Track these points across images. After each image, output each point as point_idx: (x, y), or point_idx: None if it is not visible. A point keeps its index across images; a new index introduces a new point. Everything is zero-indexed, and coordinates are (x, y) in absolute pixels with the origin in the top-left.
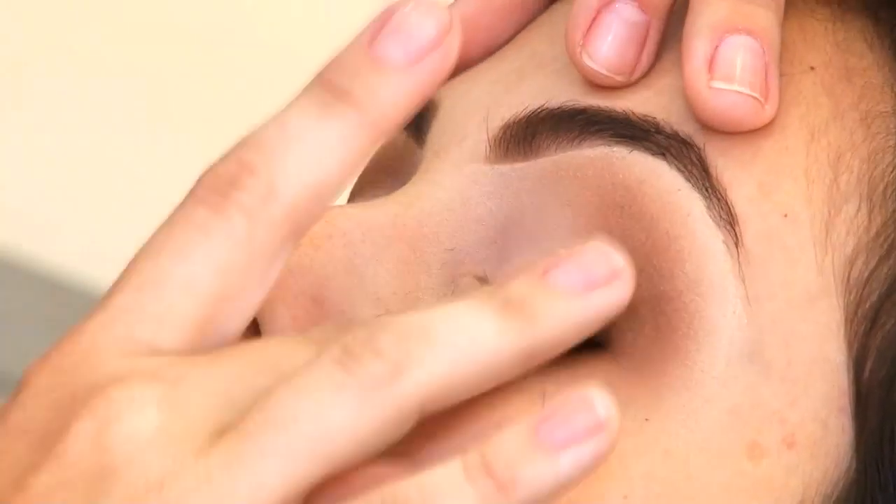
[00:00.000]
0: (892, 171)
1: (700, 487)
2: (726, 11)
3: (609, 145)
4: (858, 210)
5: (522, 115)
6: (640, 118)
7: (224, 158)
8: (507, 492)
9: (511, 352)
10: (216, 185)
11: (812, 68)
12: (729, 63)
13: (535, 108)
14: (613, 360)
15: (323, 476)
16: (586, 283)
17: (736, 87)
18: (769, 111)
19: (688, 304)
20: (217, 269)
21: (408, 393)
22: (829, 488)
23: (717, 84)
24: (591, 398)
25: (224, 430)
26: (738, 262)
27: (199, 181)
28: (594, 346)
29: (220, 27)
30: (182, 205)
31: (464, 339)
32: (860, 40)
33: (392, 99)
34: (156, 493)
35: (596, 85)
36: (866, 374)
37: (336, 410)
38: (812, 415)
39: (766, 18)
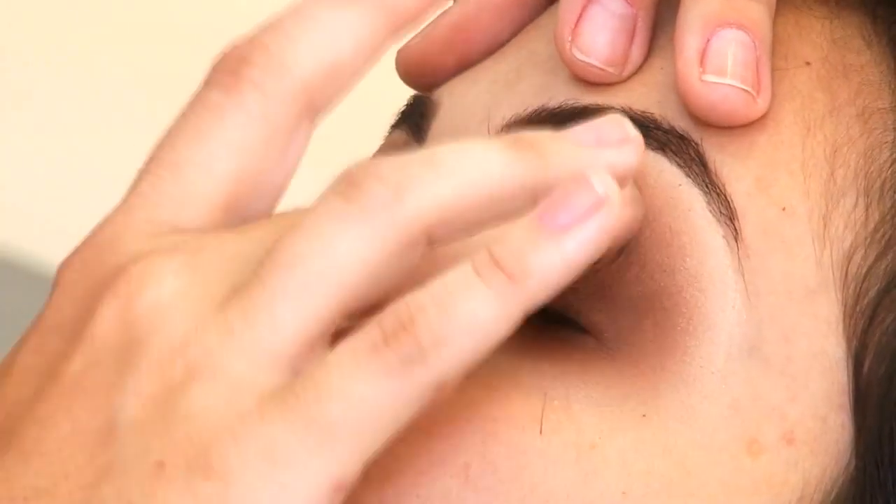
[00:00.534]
0: (889, 167)
1: (699, 484)
2: (718, 5)
3: None
4: (856, 205)
5: (523, 114)
6: (639, 114)
7: (238, 42)
8: (518, 281)
9: (517, 183)
10: (228, 66)
11: (808, 63)
12: (720, 56)
13: (536, 107)
14: (611, 355)
15: (340, 311)
16: (598, 140)
17: (727, 81)
18: (761, 105)
19: (688, 299)
20: (234, 148)
21: (412, 215)
22: (828, 485)
23: (709, 78)
24: (588, 178)
25: (241, 286)
26: (738, 257)
27: (213, 65)
28: (591, 341)
29: (220, 28)
30: (198, 90)
31: (470, 165)
32: (857, 37)
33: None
34: (181, 354)
35: (588, 81)
36: (865, 370)
37: (341, 240)
38: (812, 411)
39: (758, 12)
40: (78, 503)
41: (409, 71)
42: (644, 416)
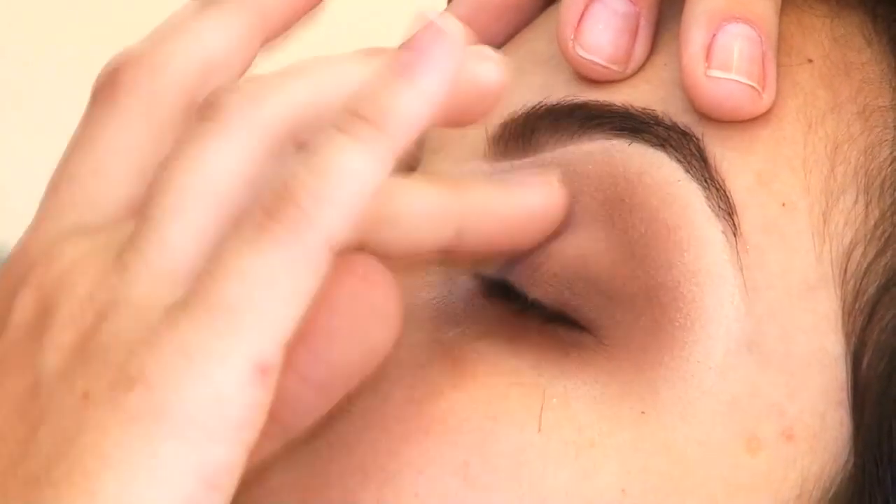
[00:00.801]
0: (889, 165)
1: (698, 481)
2: (724, 0)
3: (609, 139)
4: (856, 201)
5: (521, 111)
6: (639, 111)
7: (113, 57)
8: (381, 125)
9: (372, 72)
10: (104, 80)
11: (810, 61)
12: (726, 51)
13: (534, 104)
14: (609, 352)
15: (223, 217)
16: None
17: (733, 76)
18: (766, 100)
19: (685, 294)
20: (122, 150)
21: (269, 115)
22: (827, 482)
23: (714, 73)
24: (428, 17)
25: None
26: (737, 252)
27: (94, 82)
28: (589, 338)
29: None
30: (83, 115)
31: (323, 68)
32: (858, 36)
33: None
34: (89, 303)
35: (592, 79)
36: (864, 367)
37: (208, 154)
38: (811, 408)
39: (764, 7)
40: (18, 457)
41: None
42: (643, 413)
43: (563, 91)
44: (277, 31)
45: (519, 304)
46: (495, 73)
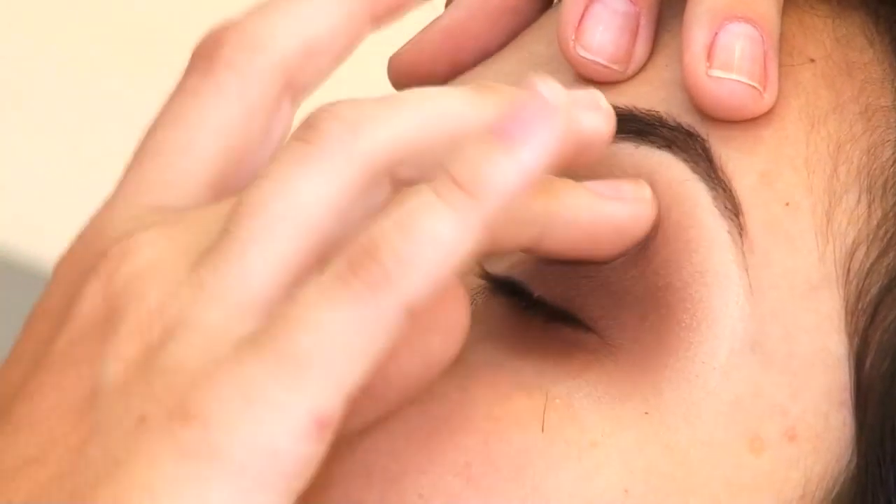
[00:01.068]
0: (892, 165)
1: (701, 481)
2: None
3: (615, 142)
4: (858, 201)
5: None
6: (644, 112)
7: (214, 27)
8: (476, 195)
9: (479, 118)
10: (205, 50)
11: (812, 60)
12: (727, 51)
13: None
14: (612, 353)
15: (309, 252)
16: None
17: (734, 76)
18: (768, 100)
19: (693, 294)
20: (213, 128)
21: (370, 150)
22: (830, 483)
23: (716, 73)
24: (535, 87)
25: (213, 243)
26: (742, 252)
27: (193, 51)
28: (593, 338)
29: None
30: (179, 80)
31: (429, 102)
32: (860, 36)
33: None
34: (158, 315)
35: (593, 80)
36: (867, 367)
37: (301, 181)
38: (813, 408)
39: (766, 6)
40: (66, 466)
41: (401, 79)
42: (646, 413)
43: None
44: (384, 18)
45: (523, 301)
46: (603, 124)
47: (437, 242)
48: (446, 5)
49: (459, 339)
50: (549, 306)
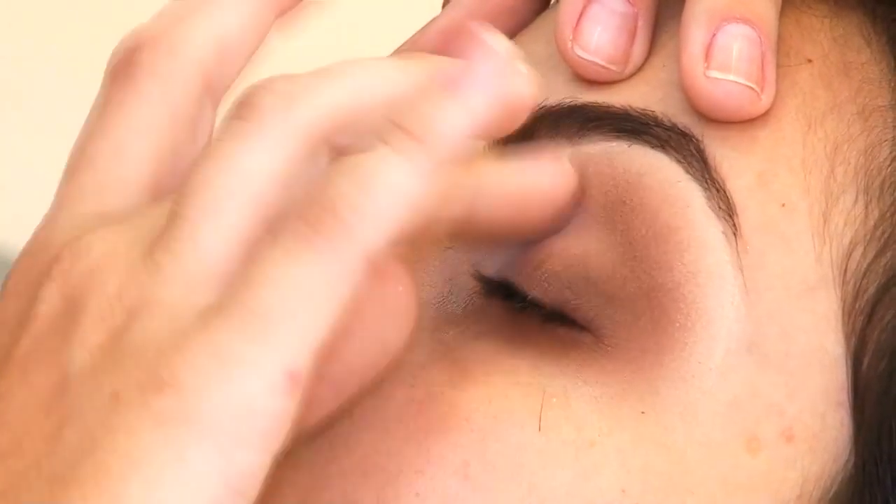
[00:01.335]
0: (889, 165)
1: (698, 481)
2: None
3: (609, 140)
4: (856, 202)
5: None
6: (639, 112)
7: (127, 34)
8: (423, 139)
9: (412, 82)
10: (122, 59)
11: (809, 61)
12: (725, 52)
13: (534, 105)
14: (609, 353)
15: (258, 221)
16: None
17: (731, 77)
18: (765, 101)
19: (686, 294)
20: (142, 133)
21: (306, 119)
22: (827, 483)
23: (713, 73)
24: (476, 33)
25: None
26: (737, 252)
27: (109, 60)
28: (589, 338)
29: None
30: (100, 91)
31: (361, 71)
32: (857, 36)
33: None
34: (118, 300)
35: (591, 80)
36: (864, 368)
37: (243, 155)
38: (810, 408)
39: (764, 6)
40: (43, 452)
41: None
42: (643, 412)
43: (562, 93)
44: (289, 6)
45: (518, 303)
46: (527, 88)
47: (392, 189)
48: (443, 6)
49: (410, 322)
50: (544, 307)
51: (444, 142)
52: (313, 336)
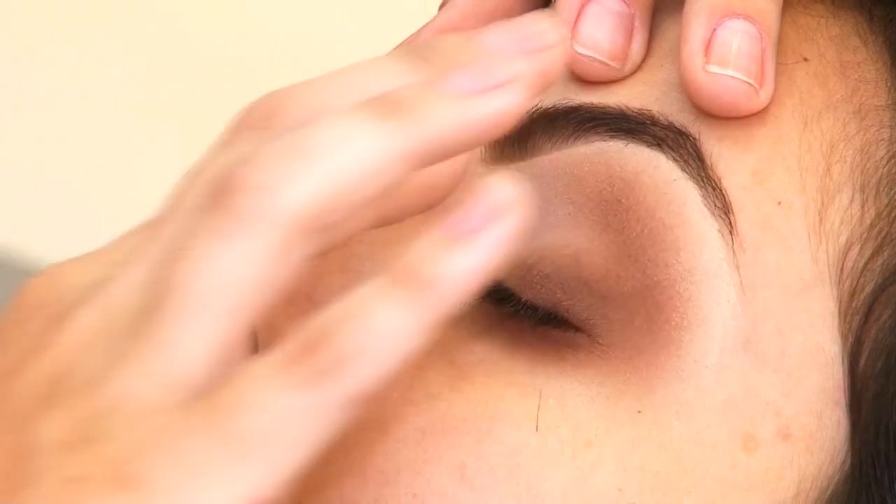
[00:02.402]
0: (885, 164)
1: (695, 480)
2: None
3: (605, 140)
4: (852, 200)
5: None
6: (635, 112)
7: (230, 160)
8: (430, 288)
9: (395, 155)
10: (220, 186)
11: (806, 60)
12: (725, 47)
13: (529, 108)
14: (605, 352)
15: (243, 324)
16: (481, 85)
17: (730, 72)
18: (764, 97)
19: (681, 293)
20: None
21: (289, 215)
22: (824, 482)
23: (712, 68)
24: (489, 187)
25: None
26: (733, 251)
27: (209, 176)
28: (584, 338)
29: (221, 28)
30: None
31: (339, 148)
32: (854, 36)
33: None
34: (96, 387)
35: (589, 77)
36: (861, 367)
37: (223, 258)
38: (807, 407)
39: (765, 2)
40: None
41: None
42: (639, 412)
43: (558, 94)
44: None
45: (512, 307)
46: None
47: (390, 334)
48: (440, 7)
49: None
50: (538, 310)
51: (450, 293)
52: (286, 469)
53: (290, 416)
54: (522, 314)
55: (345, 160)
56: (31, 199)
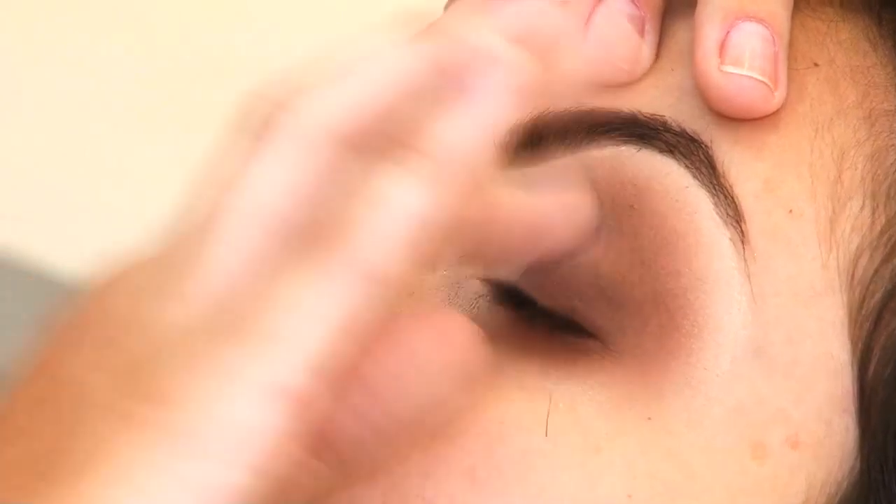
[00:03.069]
0: (895, 171)
1: (703, 487)
2: None
3: (617, 146)
4: (862, 207)
5: (528, 119)
6: (647, 117)
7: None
8: (441, 160)
9: (429, 67)
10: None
11: (816, 65)
12: (740, 48)
13: (541, 111)
14: (616, 358)
15: (275, 241)
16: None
17: (746, 72)
18: (778, 98)
19: (693, 301)
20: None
21: (318, 123)
22: (832, 489)
23: (728, 68)
24: (481, 46)
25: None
26: (744, 259)
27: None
28: (596, 344)
29: (221, 28)
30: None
31: (367, 67)
32: (863, 40)
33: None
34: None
35: (600, 83)
36: (870, 374)
37: (264, 175)
38: (816, 414)
39: (777, 6)
40: (43, 448)
41: None
42: (649, 418)
43: (570, 97)
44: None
45: (527, 312)
46: (531, 75)
47: (406, 211)
48: (445, 8)
49: (473, 387)
50: (553, 315)
51: (459, 158)
52: (312, 355)
53: (305, 303)
54: (538, 320)
55: (374, 72)
56: (31, 199)
